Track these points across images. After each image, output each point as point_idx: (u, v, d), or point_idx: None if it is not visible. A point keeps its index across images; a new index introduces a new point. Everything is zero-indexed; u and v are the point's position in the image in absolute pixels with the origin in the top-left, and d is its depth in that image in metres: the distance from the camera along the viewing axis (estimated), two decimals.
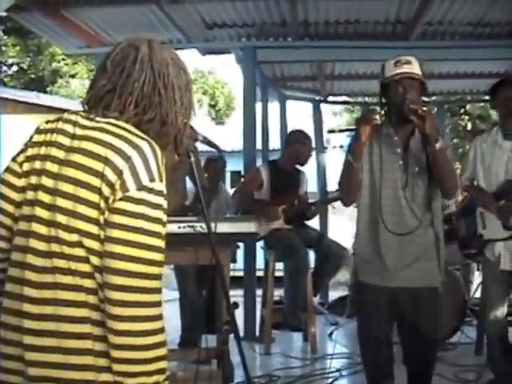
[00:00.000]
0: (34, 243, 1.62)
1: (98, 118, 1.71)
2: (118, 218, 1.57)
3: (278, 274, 6.13)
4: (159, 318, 1.61)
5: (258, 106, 7.66)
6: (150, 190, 1.61)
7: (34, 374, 1.59)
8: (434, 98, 10.36)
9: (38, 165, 1.69)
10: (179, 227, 4.18)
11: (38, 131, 1.76)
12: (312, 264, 6.16)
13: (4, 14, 6.62)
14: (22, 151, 1.75)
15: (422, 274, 3.47)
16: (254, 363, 5.61)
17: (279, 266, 6.18)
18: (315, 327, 5.90)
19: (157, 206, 1.62)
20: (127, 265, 1.55)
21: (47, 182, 1.65)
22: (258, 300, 6.53)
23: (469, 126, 17.58)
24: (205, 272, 5.84)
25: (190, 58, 7.49)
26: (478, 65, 8.06)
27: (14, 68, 22.93)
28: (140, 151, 1.63)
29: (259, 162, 6.83)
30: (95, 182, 1.59)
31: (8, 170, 1.75)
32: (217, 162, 6.47)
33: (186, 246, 4.01)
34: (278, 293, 6.44)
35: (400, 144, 3.46)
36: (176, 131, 1.82)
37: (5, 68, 22.94)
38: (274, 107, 9.15)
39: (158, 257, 1.61)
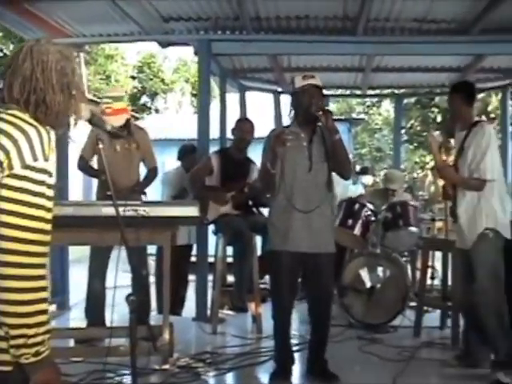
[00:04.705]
0: None
1: (2, 110, 2.00)
2: (4, 192, 1.88)
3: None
4: (41, 278, 1.88)
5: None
6: (33, 169, 1.90)
7: None
8: (402, 90, 10.81)
9: None
10: (123, 210, 4.41)
11: None
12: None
13: None
14: None
15: (324, 242, 4.54)
16: (201, 341, 5.90)
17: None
18: (261, 308, 6.13)
19: (39, 182, 1.91)
20: (13, 232, 1.85)
21: None
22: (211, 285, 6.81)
23: (438, 118, 18.11)
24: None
25: (173, 49, 7.77)
26: (436, 60, 8.35)
27: None
28: (26, 135, 1.93)
29: None
30: None
31: None
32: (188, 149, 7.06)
33: (128, 228, 4.23)
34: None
35: (305, 139, 4.52)
36: (57, 110, 2.06)
37: None
38: (235, 98, 9.41)
39: (41, 225, 1.90)
